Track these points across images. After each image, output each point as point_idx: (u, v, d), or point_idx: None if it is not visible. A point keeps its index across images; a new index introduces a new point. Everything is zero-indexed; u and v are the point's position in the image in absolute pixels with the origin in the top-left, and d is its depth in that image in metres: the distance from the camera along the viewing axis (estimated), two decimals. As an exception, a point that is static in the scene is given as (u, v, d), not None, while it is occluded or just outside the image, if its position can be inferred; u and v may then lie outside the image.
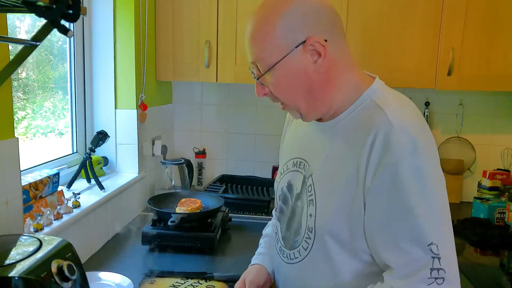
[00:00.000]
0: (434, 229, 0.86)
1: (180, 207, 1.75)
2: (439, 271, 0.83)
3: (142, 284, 1.38)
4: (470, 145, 2.47)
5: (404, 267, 0.86)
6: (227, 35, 2.19)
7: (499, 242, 1.88)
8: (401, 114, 0.90)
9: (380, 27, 2.13)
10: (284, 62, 0.91)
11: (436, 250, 0.84)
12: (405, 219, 0.85)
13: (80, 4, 0.89)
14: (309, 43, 0.89)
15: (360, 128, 0.92)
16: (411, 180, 0.85)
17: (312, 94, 0.95)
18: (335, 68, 0.94)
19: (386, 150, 0.86)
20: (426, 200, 0.86)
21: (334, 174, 0.95)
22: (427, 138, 0.90)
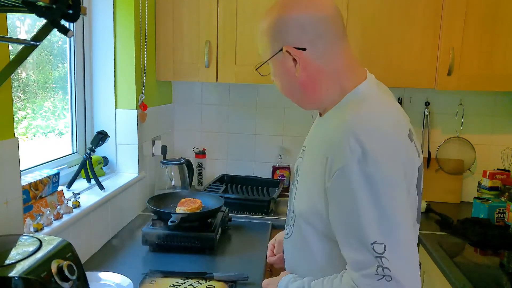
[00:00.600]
0: (382, 230, 0.89)
1: (180, 207, 1.75)
2: (384, 269, 0.88)
3: (142, 284, 1.38)
4: (470, 145, 2.48)
5: (354, 262, 0.93)
6: (227, 35, 2.19)
7: (499, 242, 1.88)
8: (362, 120, 0.94)
9: (380, 27, 2.13)
10: (272, 61, 1.07)
11: (380, 250, 0.89)
12: (353, 220, 0.91)
13: (80, 4, 0.89)
14: (284, 50, 1.02)
15: (330, 129, 0.99)
16: (358, 184, 0.90)
17: (296, 91, 1.08)
18: (319, 72, 1.03)
19: (339, 154, 0.92)
20: (373, 204, 0.90)
21: (309, 167, 1.06)
22: (383, 144, 0.92)
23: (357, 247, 0.91)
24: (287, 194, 2.52)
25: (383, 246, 0.88)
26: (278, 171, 2.57)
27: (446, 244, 1.85)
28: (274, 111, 2.60)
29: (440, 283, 1.66)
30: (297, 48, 1.01)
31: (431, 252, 1.78)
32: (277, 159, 2.59)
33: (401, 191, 0.94)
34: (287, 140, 2.61)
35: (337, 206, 0.95)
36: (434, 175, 2.49)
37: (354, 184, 0.90)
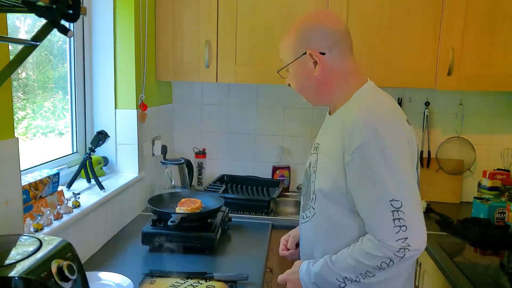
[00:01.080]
0: (397, 190, 1.12)
1: (180, 207, 1.75)
2: (400, 220, 1.11)
3: (142, 284, 1.38)
4: (470, 145, 2.48)
5: (374, 222, 1.15)
6: (227, 35, 2.19)
7: (499, 242, 1.88)
8: (371, 108, 1.21)
9: (380, 27, 2.13)
10: (294, 64, 1.29)
11: (397, 205, 1.11)
12: (373, 185, 1.14)
13: (80, 4, 0.89)
14: (308, 53, 1.25)
15: (343, 119, 1.23)
16: (375, 157, 1.13)
17: (314, 90, 1.31)
18: (333, 73, 1.27)
19: (356, 134, 1.15)
20: (388, 170, 1.13)
21: (327, 151, 1.28)
22: (389, 125, 1.17)
23: (377, 207, 1.13)
24: (287, 194, 2.52)
25: (400, 202, 1.11)
26: (278, 171, 2.57)
27: (446, 244, 1.85)
28: (274, 111, 2.60)
29: (440, 283, 1.66)
30: (319, 52, 1.25)
31: (431, 252, 1.78)
32: (277, 159, 2.59)
33: (407, 158, 1.17)
34: (287, 140, 2.61)
35: (358, 176, 1.16)
36: (434, 175, 2.49)
37: (372, 157, 1.13)
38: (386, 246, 1.12)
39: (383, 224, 1.12)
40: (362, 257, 1.16)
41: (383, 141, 1.13)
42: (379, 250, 1.13)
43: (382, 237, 1.12)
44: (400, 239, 1.11)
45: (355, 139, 1.15)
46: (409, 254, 1.12)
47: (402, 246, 1.11)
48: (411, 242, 1.11)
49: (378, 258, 1.13)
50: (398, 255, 1.12)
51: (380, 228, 1.13)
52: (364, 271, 1.17)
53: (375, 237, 1.14)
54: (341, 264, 1.20)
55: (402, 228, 1.11)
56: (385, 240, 1.12)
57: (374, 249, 1.14)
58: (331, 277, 1.21)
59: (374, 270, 1.16)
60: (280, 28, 2.16)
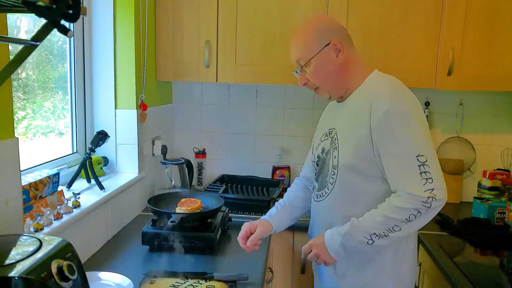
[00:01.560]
0: (421, 146, 1.27)
1: (180, 207, 1.75)
2: (426, 173, 1.25)
3: (142, 284, 1.38)
4: (470, 145, 2.48)
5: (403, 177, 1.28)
6: (227, 35, 2.19)
7: (499, 242, 1.88)
8: (388, 84, 1.39)
9: (380, 27, 2.13)
10: (317, 57, 1.39)
11: (423, 160, 1.25)
12: (400, 143, 1.28)
13: (80, 4, 0.89)
14: (332, 43, 1.38)
15: (365, 96, 1.38)
16: (399, 119, 1.29)
17: (336, 79, 1.42)
18: (349, 62, 1.42)
19: (379, 106, 1.30)
20: (413, 129, 1.28)
21: (350, 126, 1.39)
22: (408, 94, 1.36)
23: (406, 163, 1.26)
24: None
25: (425, 157, 1.25)
26: (278, 171, 2.57)
27: (446, 244, 1.85)
28: (274, 111, 2.60)
29: (440, 283, 1.66)
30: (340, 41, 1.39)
31: (431, 252, 1.78)
32: (277, 159, 2.59)
33: (426, 124, 1.35)
34: (287, 140, 2.61)
35: (387, 138, 1.29)
36: (434, 175, 2.49)
37: (398, 119, 1.28)
38: (416, 197, 1.24)
39: (411, 177, 1.25)
40: (391, 212, 1.27)
41: (407, 105, 1.30)
42: (409, 202, 1.25)
43: (411, 190, 1.25)
44: (428, 189, 1.24)
45: (381, 105, 1.29)
46: (435, 204, 1.25)
47: (430, 196, 1.24)
48: (437, 192, 1.24)
49: (407, 210, 1.25)
50: (426, 205, 1.24)
51: (409, 182, 1.26)
52: (392, 226, 1.27)
53: (404, 191, 1.26)
54: (369, 222, 1.30)
55: (428, 180, 1.24)
56: (415, 192, 1.24)
57: (403, 202, 1.26)
58: (359, 235, 1.30)
59: (402, 224, 1.27)
60: (280, 28, 2.16)
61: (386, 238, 1.29)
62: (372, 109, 1.31)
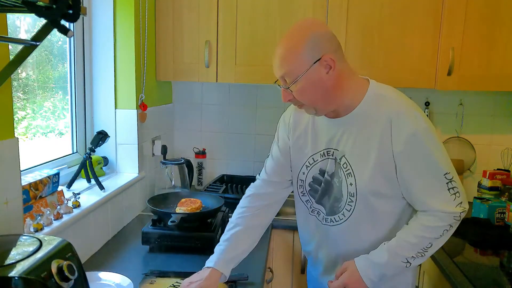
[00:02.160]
0: (446, 165, 1.28)
1: (180, 207, 1.75)
2: (454, 188, 1.27)
3: (142, 284, 1.38)
4: (470, 145, 2.47)
5: (433, 196, 1.27)
6: (227, 35, 2.19)
7: (499, 242, 1.88)
8: (402, 102, 1.31)
9: (380, 27, 2.13)
10: (306, 74, 1.22)
11: (450, 177, 1.27)
12: (430, 165, 1.27)
13: (80, 4, 0.89)
14: (323, 59, 1.22)
15: (376, 113, 1.28)
16: (425, 141, 1.26)
17: (326, 96, 1.27)
18: (341, 76, 1.27)
19: (403, 124, 1.25)
20: (437, 149, 1.28)
21: (364, 150, 1.30)
22: (419, 109, 1.32)
23: (435, 183, 1.27)
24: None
25: (451, 174, 1.27)
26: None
27: (446, 244, 1.83)
28: (274, 111, 2.59)
29: (440, 283, 1.66)
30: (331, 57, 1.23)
31: (431, 252, 1.78)
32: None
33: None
34: (287, 140, 2.60)
35: (414, 161, 1.26)
36: (434, 175, 2.49)
37: (425, 141, 1.26)
38: (449, 213, 1.26)
39: (443, 196, 1.27)
40: (424, 232, 1.27)
41: (425, 122, 1.28)
42: (443, 220, 1.27)
43: (445, 208, 1.26)
44: (458, 204, 1.27)
45: (405, 128, 1.25)
46: (463, 214, 1.29)
47: (461, 210, 1.27)
48: (464, 204, 1.28)
49: (440, 228, 1.27)
50: (457, 219, 1.28)
51: (441, 200, 1.27)
52: (427, 244, 1.28)
53: (437, 210, 1.27)
54: (405, 246, 1.28)
55: (456, 195, 1.27)
56: (448, 209, 1.26)
57: (436, 221, 1.27)
58: (398, 261, 1.28)
59: (435, 240, 1.28)
60: (280, 28, 2.16)
61: (422, 258, 1.30)
62: (393, 131, 1.25)
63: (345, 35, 2.14)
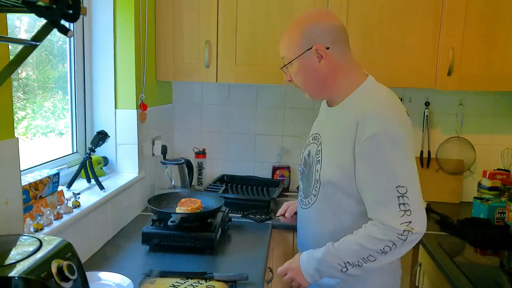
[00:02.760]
0: (402, 176, 1.21)
1: (180, 207, 1.74)
2: (405, 205, 1.20)
3: (142, 284, 1.38)
4: (470, 145, 2.48)
5: (381, 205, 1.23)
6: (227, 35, 2.19)
7: (499, 242, 1.88)
8: (380, 101, 1.31)
9: (380, 27, 2.13)
10: (299, 59, 1.34)
11: (403, 191, 1.20)
12: (382, 171, 1.23)
13: (80, 4, 0.89)
14: (314, 48, 1.32)
15: (354, 110, 1.30)
16: (384, 145, 1.22)
17: (318, 84, 1.37)
18: (336, 67, 1.34)
19: (366, 127, 1.24)
20: (397, 158, 1.22)
21: (334, 141, 1.35)
22: (400, 115, 1.29)
23: (385, 192, 1.21)
24: (287, 194, 2.52)
25: (405, 188, 1.20)
26: (278, 171, 2.57)
27: (446, 244, 1.85)
28: (274, 111, 2.60)
29: (440, 283, 1.66)
30: (324, 47, 1.32)
31: (431, 252, 1.78)
32: (277, 159, 2.59)
33: (412, 148, 1.28)
34: (287, 140, 2.61)
35: (368, 164, 1.24)
36: (434, 175, 2.49)
37: (382, 146, 1.22)
38: (392, 229, 1.20)
39: (389, 208, 1.21)
40: (366, 242, 1.24)
41: (393, 132, 1.23)
42: (384, 234, 1.21)
43: (387, 221, 1.21)
44: (405, 222, 1.20)
45: (367, 130, 1.23)
46: (411, 237, 1.21)
47: (406, 229, 1.20)
48: (414, 226, 1.20)
49: (382, 241, 1.22)
50: (401, 238, 1.20)
51: (386, 213, 1.21)
52: (367, 255, 1.24)
53: (380, 221, 1.22)
54: (344, 249, 1.27)
55: (406, 213, 1.20)
56: (391, 223, 1.20)
57: (378, 233, 1.22)
58: (333, 262, 1.28)
59: (377, 254, 1.23)
60: (280, 28, 2.16)
61: (360, 268, 1.27)
62: (358, 130, 1.26)
63: (345, 35, 2.14)
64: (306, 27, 1.33)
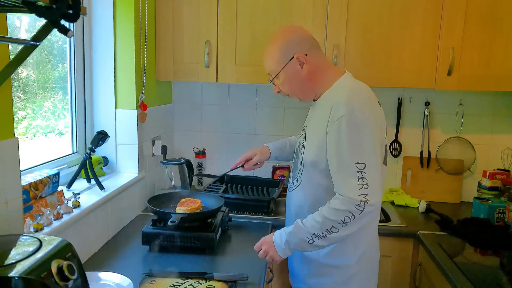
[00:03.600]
0: (362, 154, 1.37)
1: (180, 207, 1.74)
2: (363, 179, 1.36)
3: (142, 284, 1.38)
4: (470, 145, 2.48)
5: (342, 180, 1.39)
6: (227, 35, 2.19)
7: (499, 242, 1.88)
8: (351, 91, 1.47)
9: (380, 27, 2.13)
10: (283, 70, 1.53)
11: (361, 167, 1.36)
12: (344, 149, 1.39)
13: (80, 4, 0.89)
14: (295, 57, 1.51)
15: (330, 100, 1.48)
16: (349, 126, 1.38)
17: (304, 87, 1.56)
18: (316, 69, 1.54)
19: (336, 111, 1.41)
20: (359, 138, 1.38)
21: (315, 126, 1.53)
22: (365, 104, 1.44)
23: (345, 167, 1.38)
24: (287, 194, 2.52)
25: (364, 165, 1.36)
26: (278, 171, 2.57)
27: (446, 244, 1.85)
28: (274, 111, 2.60)
29: (440, 283, 1.66)
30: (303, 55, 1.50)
31: (431, 252, 1.78)
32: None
33: (376, 134, 1.42)
34: (287, 140, 2.60)
35: (334, 142, 1.40)
36: (434, 175, 2.49)
37: (347, 127, 1.38)
38: (350, 199, 1.35)
39: (349, 181, 1.37)
40: (329, 214, 1.38)
41: (357, 115, 1.39)
42: (343, 204, 1.36)
43: (347, 192, 1.36)
44: (362, 194, 1.35)
45: (337, 112, 1.40)
46: (368, 209, 1.35)
47: (362, 200, 1.34)
48: (370, 198, 1.35)
49: (342, 212, 1.36)
50: (359, 208, 1.35)
51: (347, 186, 1.37)
52: (330, 227, 1.38)
53: (341, 193, 1.38)
54: (310, 222, 1.41)
55: (364, 186, 1.35)
56: (349, 194, 1.36)
57: (339, 204, 1.37)
58: (301, 234, 1.42)
59: (338, 225, 1.37)
60: (280, 28, 2.15)
61: (325, 239, 1.40)
62: (331, 114, 1.43)
63: (345, 35, 2.14)
64: (283, 41, 1.53)
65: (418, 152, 2.51)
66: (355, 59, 2.15)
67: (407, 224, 2.09)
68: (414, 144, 2.53)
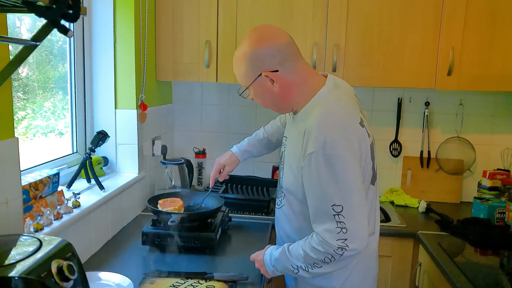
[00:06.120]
0: (339, 195, 1.22)
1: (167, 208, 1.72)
2: (342, 223, 1.22)
3: (142, 284, 1.38)
4: (470, 145, 2.48)
5: (319, 222, 1.26)
6: (227, 35, 2.19)
7: (499, 242, 1.88)
8: (322, 119, 1.26)
9: (380, 27, 2.13)
10: (253, 86, 1.36)
11: (338, 209, 1.22)
12: (318, 190, 1.26)
13: (80, 4, 0.89)
14: (263, 75, 1.32)
15: (305, 121, 1.30)
16: (321, 164, 1.22)
17: (276, 102, 1.40)
18: (290, 85, 1.34)
19: (310, 142, 1.24)
20: (333, 176, 1.22)
21: (291, 151, 1.40)
22: (340, 132, 1.24)
23: (321, 209, 1.25)
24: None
25: (341, 207, 1.22)
26: (278, 171, 2.56)
27: (446, 244, 1.85)
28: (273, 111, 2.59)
29: (440, 283, 1.66)
30: (272, 71, 1.31)
31: (431, 252, 1.78)
32: (277, 159, 2.59)
33: (354, 165, 1.25)
34: (287, 140, 2.60)
35: (308, 180, 1.28)
36: (434, 175, 2.49)
37: (318, 165, 1.23)
38: (327, 244, 1.24)
39: (327, 224, 1.24)
40: (309, 250, 1.28)
41: (328, 150, 1.22)
42: (321, 246, 1.25)
43: (324, 237, 1.24)
44: (340, 239, 1.23)
45: (308, 146, 1.25)
46: (348, 253, 1.24)
47: (340, 246, 1.22)
48: (349, 243, 1.22)
49: (321, 253, 1.26)
50: (338, 253, 1.24)
51: (324, 228, 1.25)
52: (312, 263, 1.29)
53: (319, 234, 1.26)
54: (294, 253, 1.34)
55: (343, 230, 1.22)
56: (327, 239, 1.24)
57: (318, 244, 1.26)
58: (286, 263, 1.35)
59: (320, 263, 1.28)
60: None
61: (307, 273, 1.32)
62: (303, 143, 1.27)
63: (345, 35, 2.14)
64: (250, 56, 1.33)
65: (418, 152, 2.51)
66: (355, 59, 2.15)
67: (407, 224, 2.09)
68: (414, 144, 2.53)
